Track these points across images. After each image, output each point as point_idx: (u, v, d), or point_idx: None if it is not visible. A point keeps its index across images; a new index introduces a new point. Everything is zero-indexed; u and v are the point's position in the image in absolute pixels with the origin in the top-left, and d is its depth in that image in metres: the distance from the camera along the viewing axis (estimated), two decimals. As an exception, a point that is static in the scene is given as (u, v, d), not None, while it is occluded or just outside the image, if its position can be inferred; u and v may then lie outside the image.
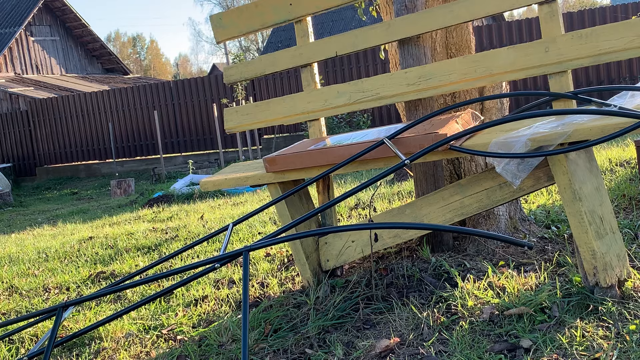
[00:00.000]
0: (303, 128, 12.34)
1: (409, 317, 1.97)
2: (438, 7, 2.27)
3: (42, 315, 1.91)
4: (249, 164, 2.64)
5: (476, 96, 2.50)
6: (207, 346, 2.08)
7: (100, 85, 20.37)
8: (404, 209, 2.24)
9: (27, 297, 3.16)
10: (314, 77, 2.51)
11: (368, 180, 1.78)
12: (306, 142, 2.34)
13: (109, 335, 2.32)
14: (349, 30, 3.37)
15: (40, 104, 15.62)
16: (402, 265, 2.37)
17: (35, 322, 2.02)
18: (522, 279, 2.06)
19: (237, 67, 2.65)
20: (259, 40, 37.95)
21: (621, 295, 1.82)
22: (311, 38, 2.52)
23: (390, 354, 1.77)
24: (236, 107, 2.67)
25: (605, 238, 1.80)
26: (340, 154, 2.02)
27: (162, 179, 12.22)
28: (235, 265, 3.07)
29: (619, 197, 2.95)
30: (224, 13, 2.62)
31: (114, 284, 2.28)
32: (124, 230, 5.02)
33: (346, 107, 2.42)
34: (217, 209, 5.82)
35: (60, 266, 3.85)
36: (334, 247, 2.37)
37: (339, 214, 3.92)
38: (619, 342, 1.59)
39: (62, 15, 21.99)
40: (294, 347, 1.95)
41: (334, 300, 2.17)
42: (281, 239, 1.65)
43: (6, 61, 20.31)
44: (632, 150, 4.06)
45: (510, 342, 1.69)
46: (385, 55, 7.93)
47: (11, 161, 15.87)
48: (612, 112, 1.63)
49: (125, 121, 14.71)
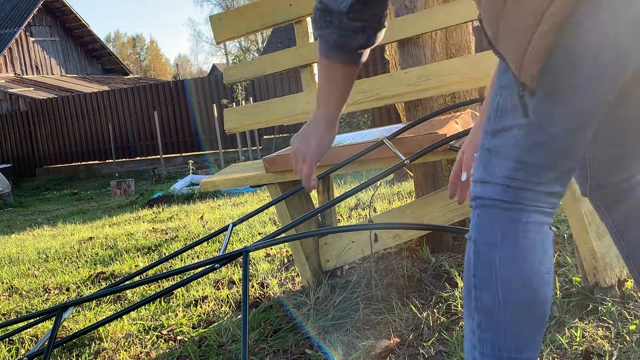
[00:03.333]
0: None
1: (409, 317, 1.97)
2: (438, 7, 2.27)
3: (42, 316, 1.91)
4: (249, 165, 2.64)
5: (476, 96, 2.50)
6: (207, 347, 2.08)
7: (100, 86, 20.38)
8: (404, 209, 2.24)
9: (27, 298, 3.16)
10: (314, 77, 2.51)
11: (367, 181, 1.78)
12: (306, 143, 2.34)
13: (108, 335, 2.32)
14: (349, 30, 3.34)
15: (40, 105, 15.62)
16: (402, 266, 2.38)
17: (36, 322, 2.02)
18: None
19: (237, 68, 2.65)
20: (259, 40, 37.97)
21: (621, 296, 1.82)
22: (311, 38, 2.52)
23: (390, 354, 1.77)
24: (236, 108, 2.67)
25: (605, 238, 1.80)
26: (340, 155, 2.02)
27: (162, 179, 12.22)
28: (235, 265, 3.07)
29: (619, 197, 2.95)
30: (223, 13, 2.62)
31: (114, 284, 2.28)
32: (124, 230, 5.02)
33: (346, 107, 2.41)
34: (217, 209, 5.82)
35: (60, 267, 3.85)
36: (334, 248, 2.37)
37: (339, 214, 3.92)
38: (619, 342, 1.59)
39: (62, 15, 22.00)
40: (294, 348, 1.95)
41: (334, 301, 2.17)
42: (281, 239, 1.65)
43: (6, 62, 20.32)
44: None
45: (510, 343, 1.69)
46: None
47: (11, 162, 15.87)
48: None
49: (125, 122, 14.71)
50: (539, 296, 1.03)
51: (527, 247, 1.04)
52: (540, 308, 1.04)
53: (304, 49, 2.48)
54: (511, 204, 1.05)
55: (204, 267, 1.62)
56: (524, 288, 1.03)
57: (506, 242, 1.04)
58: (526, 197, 1.05)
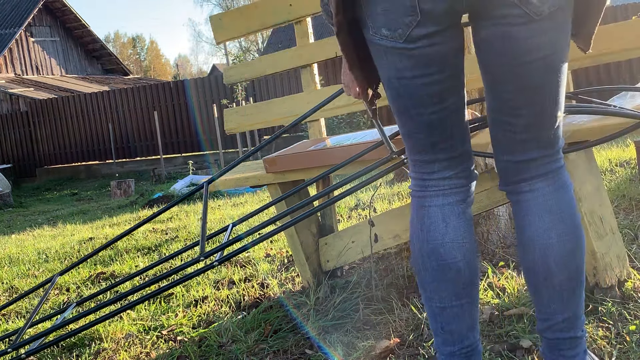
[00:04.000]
0: (303, 129, 12.34)
1: (408, 317, 1.97)
2: (438, 8, 2.27)
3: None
4: (249, 165, 2.64)
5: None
6: (207, 347, 2.08)
7: (100, 86, 20.38)
8: (405, 209, 2.24)
9: (27, 298, 3.16)
10: (314, 77, 2.51)
11: (365, 180, 1.78)
12: (306, 143, 2.34)
13: (108, 335, 2.32)
14: (349, 30, 3.34)
15: (41, 105, 15.62)
16: (402, 266, 2.38)
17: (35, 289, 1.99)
18: (522, 280, 2.06)
19: (237, 68, 2.65)
20: (259, 41, 37.97)
21: (621, 296, 1.82)
22: (311, 39, 2.52)
23: (390, 355, 1.77)
24: (236, 108, 2.67)
25: (605, 238, 1.80)
26: (340, 155, 2.02)
27: (162, 179, 12.22)
28: (235, 266, 3.07)
29: (619, 197, 2.95)
30: (223, 14, 2.62)
31: (115, 285, 2.28)
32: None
33: (346, 107, 2.42)
34: (217, 209, 5.82)
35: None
36: (334, 248, 2.37)
37: (339, 214, 3.92)
38: (619, 343, 1.59)
39: (62, 16, 22.00)
40: (294, 348, 1.96)
41: (334, 301, 2.17)
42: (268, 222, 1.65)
43: (6, 62, 20.32)
44: (632, 151, 4.07)
45: (510, 343, 1.69)
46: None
47: (11, 162, 15.87)
48: (612, 111, 1.63)
49: (125, 122, 14.70)
50: (447, 260, 1.31)
51: (430, 224, 1.33)
52: (453, 268, 1.32)
53: (304, 49, 2.48)
54: (418, 192, 1.37)
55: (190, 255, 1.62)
56: (431, 255, 1.32)
57: (415, 223, 1.36)
58: (426, 184, 1.35)
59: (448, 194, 1.33)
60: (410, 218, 1.38)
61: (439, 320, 1.36)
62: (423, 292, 1.38)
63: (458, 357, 1.36)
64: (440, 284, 1.33)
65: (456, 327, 1.35)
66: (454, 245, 1.31)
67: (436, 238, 1.32)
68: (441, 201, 1.33)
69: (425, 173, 1.35)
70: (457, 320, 1.35)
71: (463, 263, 1.32)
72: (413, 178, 1.38)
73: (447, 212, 1.33)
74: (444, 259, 1.31)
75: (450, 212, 1.33)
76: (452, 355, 1.36)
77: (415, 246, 1.35)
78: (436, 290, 1.34)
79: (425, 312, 1.95)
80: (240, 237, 1.73)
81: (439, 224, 1.32)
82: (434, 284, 1.34)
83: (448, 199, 1.33)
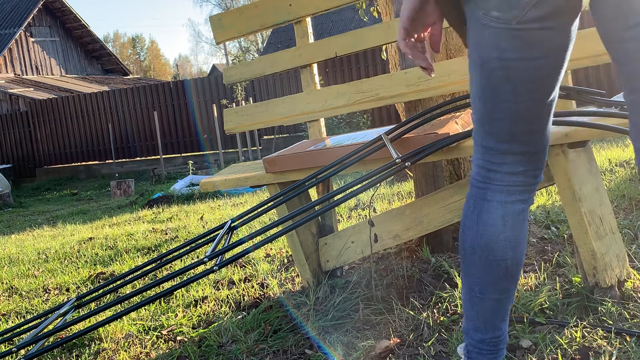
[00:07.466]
0: (303, 129, 12.34)
1: (408, 317, 1.97)
2: (438, 8, 2.27)
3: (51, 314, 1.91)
4: (249, 165, 2.64)
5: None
6: (207, 347, 2.08)
7: (100, 86, 20.38)
8: (404, 209, 2.24)
9: (27, 298, 3.16)
10: (314, 77, 2.51)
11: (366, 184, 1.78)
12: (306, 143, 2.34)
13: (108, 336, 2.32)
14: (349, 31, 3.36)
15: (40, 105, 15.62)
16: (402, 266, 2.38)
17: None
18: (522, 280, 2.06)
19: (237, 68, 2.65)
20: (258, 41, 37.97)
21: (621, 296, 1.82)
22: (311, 39, 2.52)
23: (390, 355, 1.77)
24: (236, 108, 2.67)
25: (605, 238, 1.80)
26: (340, 155, 2.02)
27: (162, 179, 12.22)
28: (235, 266, 3.07)
29: (618, 197, 2.95)
30: (223, 14, 2.62)
31: (116, 287, 2.28)
32: (124, 231, 5.02)
33: (346, 107, 2.42)
34: (217, 209, 5.82)
35: (60, 267, 3.85)
36: (333, 248, 2.37)
37: (339, 214, 3.92)
38: (619, 342, 1.59)
39: (62, 16, 22.00)
40: (294, 348, 1.95)
41: (333, 301, 2.17)
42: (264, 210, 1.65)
43: (6, 62, 20.32)
44: (632, 151, 4.07)
45: (510, 342, 1.69)
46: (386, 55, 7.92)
47: (11, 162, 15.87)
48: (613, 113, 1.64)
49: (125, 122, 14.70)
50: (498, 257, 1.29)
51: (488, 219, 1.29)
52: (502, 265, 1.30)
53: (304, 49, 2.49)
54: (480, 182, 1.31)
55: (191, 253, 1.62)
56: (484, 249, 1.30)
57: (470, 213, 1.32)
58: (492, 177, 1.29)
59: (513, 191, 1.28)
60: (465, 204, 1.33)
61: (476, 309, 1.36)
62: (465, 278, 1.36)
63: (487, 345, 1.37)
64: (486, 277, 1.32)
65: (491, 317, 1.36)
66: (508, 244, 1.29)
67: (492, 234, 1.29)
68: (504, 198, 1.28)
69: (494, 163, 1.28)
70: (493, 312, 1.35)
71: (512, 261, 1.30)
72: (477, 166, 1.31)
73: (508, 210, 1.28)
74: (495, 256, 1.29)
75: (511, 211, 1.29)
76: (482, 343, 1.38)
77: (467, 236, 1.32)
78: (480, 282, 1.33)
79: (426, 312, 1.95)
80: (242, 241, 1.73)
81: (497, 221, 1.28)
82: (480, 276, 1.32)
83: (511, 197, 1.28)
